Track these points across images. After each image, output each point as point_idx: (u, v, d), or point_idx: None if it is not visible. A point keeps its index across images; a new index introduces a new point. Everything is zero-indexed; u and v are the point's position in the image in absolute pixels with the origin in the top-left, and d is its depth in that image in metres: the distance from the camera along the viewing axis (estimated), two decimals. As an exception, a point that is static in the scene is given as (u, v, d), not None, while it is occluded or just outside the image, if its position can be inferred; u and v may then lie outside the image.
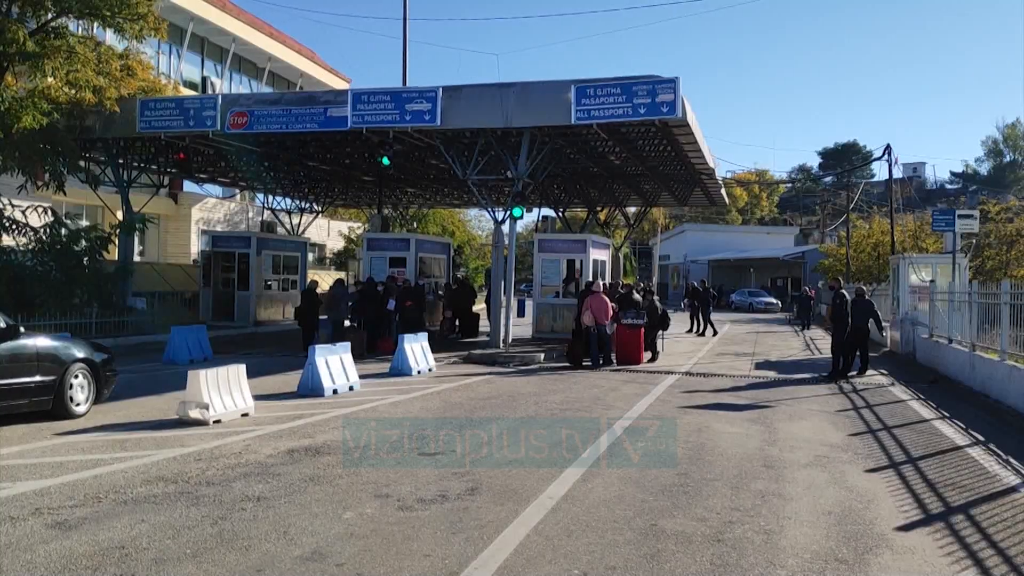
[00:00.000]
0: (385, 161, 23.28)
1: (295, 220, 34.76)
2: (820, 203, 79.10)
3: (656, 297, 22.25)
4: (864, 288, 19.03)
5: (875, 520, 6.91)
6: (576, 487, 7.74)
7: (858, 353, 17.39)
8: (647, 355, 19.68)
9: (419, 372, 16.68)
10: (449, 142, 21.39)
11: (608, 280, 25.42)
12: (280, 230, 32.95)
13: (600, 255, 26.02)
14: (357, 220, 49.79)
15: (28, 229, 21.14)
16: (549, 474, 8.20)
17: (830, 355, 17.51)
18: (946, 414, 12.53)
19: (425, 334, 18.07)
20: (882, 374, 17.80)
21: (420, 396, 13.67)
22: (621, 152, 24.81)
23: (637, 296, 20.17)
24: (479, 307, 30.80)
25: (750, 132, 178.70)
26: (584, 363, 18.32)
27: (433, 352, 17.98)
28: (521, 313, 33.67)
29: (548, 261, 24.92)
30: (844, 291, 17.50)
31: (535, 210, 37.70)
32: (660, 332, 20.83)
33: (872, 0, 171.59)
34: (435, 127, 19.55)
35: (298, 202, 35.31)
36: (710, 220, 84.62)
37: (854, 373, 17.20)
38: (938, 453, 9.72)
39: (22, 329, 10.58)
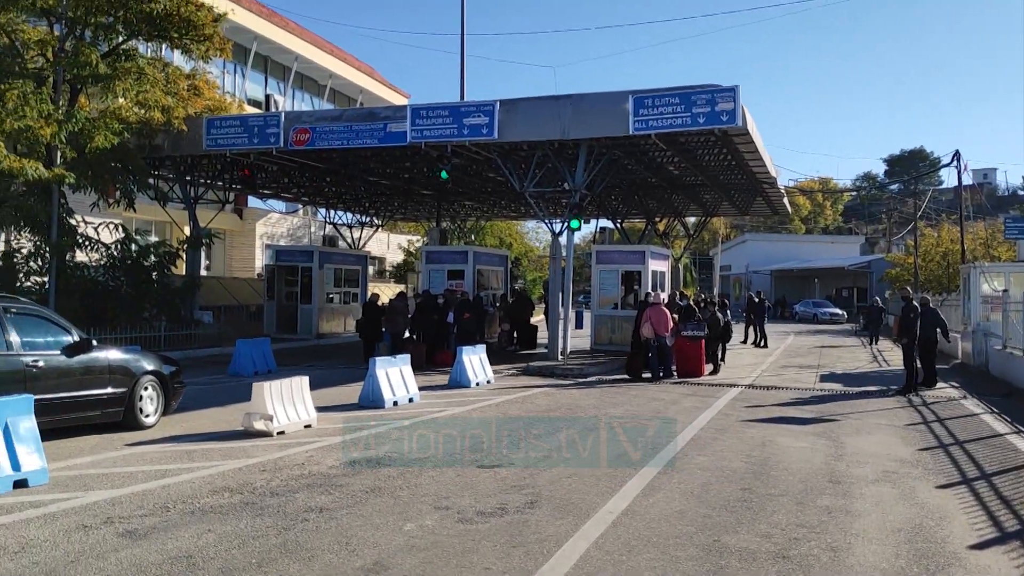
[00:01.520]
0: (444, 175, 23.49)
1: (356, 234, 35.33)
2: (886, 211, 77.26)
3: (721, 307, 21.78)
4: (927, 297, 18.50)
5: (947, 538, 6.70)
6: (637, 501, 7.67)
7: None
8: (708, 367, 19.40)
9: (477, 384, 16.73)
10: (506, 155, 21.49)
11: (668, 291, 25.18)
12: (341, 244, 33.49)
13: (659, 266, 25.79)
14: (416, 233, 50.35)
15: (100, 245, 21.88)
16: (609, 488, 8.14)
17: (900, 368, 17.04)
18: (1021, 428, 12.09)
19: (483, 346, 18.13)
20: (953, 387, 17.27)
21: (479, 408, 13.71)
22: (680, 162, 24.61)
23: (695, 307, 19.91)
24: (537, 319, 30.79)
25: (813, 140, 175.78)
26: (644, 376, 18.17)
27: (491, 364, 18.00)
28: (579, 325, 33.52)
29: (606, 272, 24.77)
30: (915, 302, 17.05)
31: (592, 221, 37.61)
32: (721, 344, 20.50)
33: None
34: (492, 140, 19.71)
35: (359, 216, 35.87)
36: (772, 229, 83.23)
37: (922, 386, 16.72)
38: (1013, 469, 9.37)
39: (95, 343, 10.91)
